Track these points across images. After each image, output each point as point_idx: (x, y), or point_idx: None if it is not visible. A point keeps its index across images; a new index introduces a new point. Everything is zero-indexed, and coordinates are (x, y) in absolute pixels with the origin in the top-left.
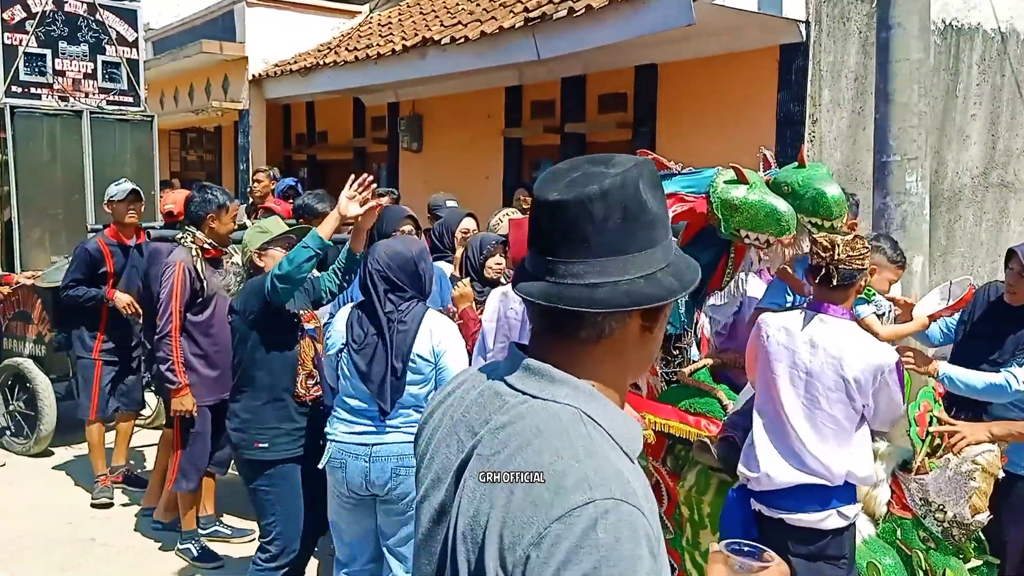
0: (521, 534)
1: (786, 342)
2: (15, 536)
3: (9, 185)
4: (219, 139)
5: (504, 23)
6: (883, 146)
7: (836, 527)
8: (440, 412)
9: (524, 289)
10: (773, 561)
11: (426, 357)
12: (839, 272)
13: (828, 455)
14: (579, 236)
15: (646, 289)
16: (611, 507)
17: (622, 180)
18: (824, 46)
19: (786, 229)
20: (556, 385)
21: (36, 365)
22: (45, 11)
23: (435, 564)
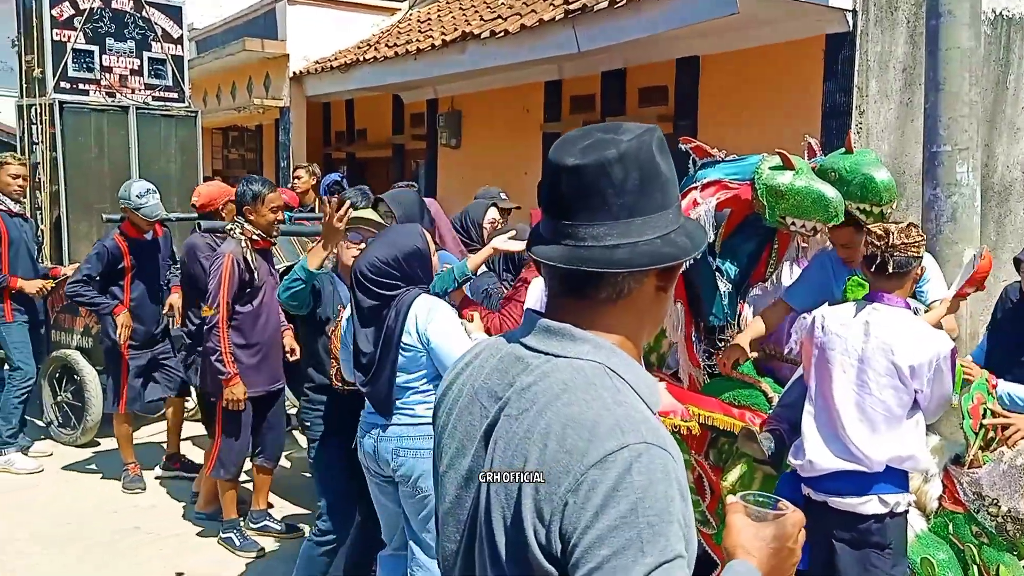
0: (557, 482)
1: (840, 331)
2: (62, 523)
3: (58, 180)
4: (260, 137)
5: (544, 16)
6: (933, 136)
7: (877, 512)
8: (459, 383)
9: (543, 253)
10: (788, 510)
11: (411, 344)
12: (894, 260)
13: (869, 442)
14: (598, 199)
15: (663, 249)
16: (644, 451)
17: (638, 144)
18: (871, 36)
19: (834, 216)
20: (577, 343)
21: (83, 357)
22: (93, 8)
23: (465, 528)
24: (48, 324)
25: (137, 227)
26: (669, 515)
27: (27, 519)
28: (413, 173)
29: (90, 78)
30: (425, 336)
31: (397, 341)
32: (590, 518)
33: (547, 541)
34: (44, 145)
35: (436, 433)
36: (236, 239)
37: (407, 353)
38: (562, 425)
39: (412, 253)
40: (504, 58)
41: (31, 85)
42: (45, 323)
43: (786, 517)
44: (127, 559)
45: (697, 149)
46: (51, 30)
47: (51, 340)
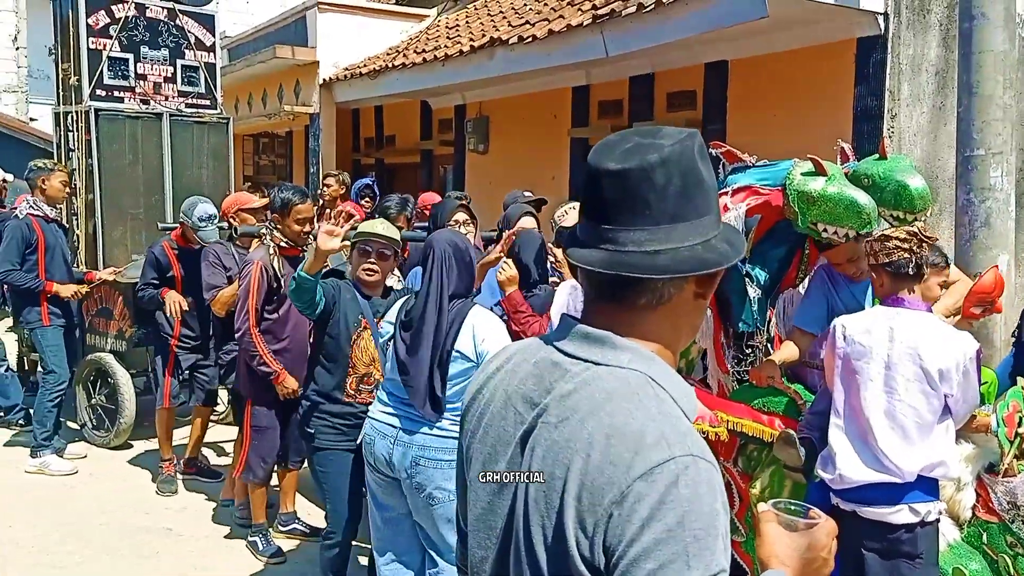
0: (602, 494)
1: (863, 339)
2: (95, 525)
3: (94, 186)
4: (290, 143)
5: (572, 21)
6: (967, 140)
7: (908, 522)
8: (490, 388)
9: (582, 257)
10: (820, 519)
11: (467, 354)
12: (925, 260)
13: (901, 451)
14: (641, 204)
15: (704, 255)
16: (690, 463)
17: (680, 148)
18: (903, 39)
19: (867, 223)
20: (619, 351)
21: (117, 360)
22: (128, 17)
23: (498, 535)
24: (82, 328)
25: (188, 239)
26: (715, 528)
27: (61, 520)
28: (441, 179)
29: (125, 86)
30: (483, 348)
31: (446, 345)
32: (636, 531)
33: (590, 552)
34: (80, 152)
35: (465, 437)
36: (265, 246)
37: (460, 361)
38: (606, 435)
39: (472, 259)
40: (532, 64)
41: (67, 93)
42: (79, 327)
43: (819, 526)
44: (157, 560)
45: (728, 154)
46: (87, 39)
47: (85, 344)
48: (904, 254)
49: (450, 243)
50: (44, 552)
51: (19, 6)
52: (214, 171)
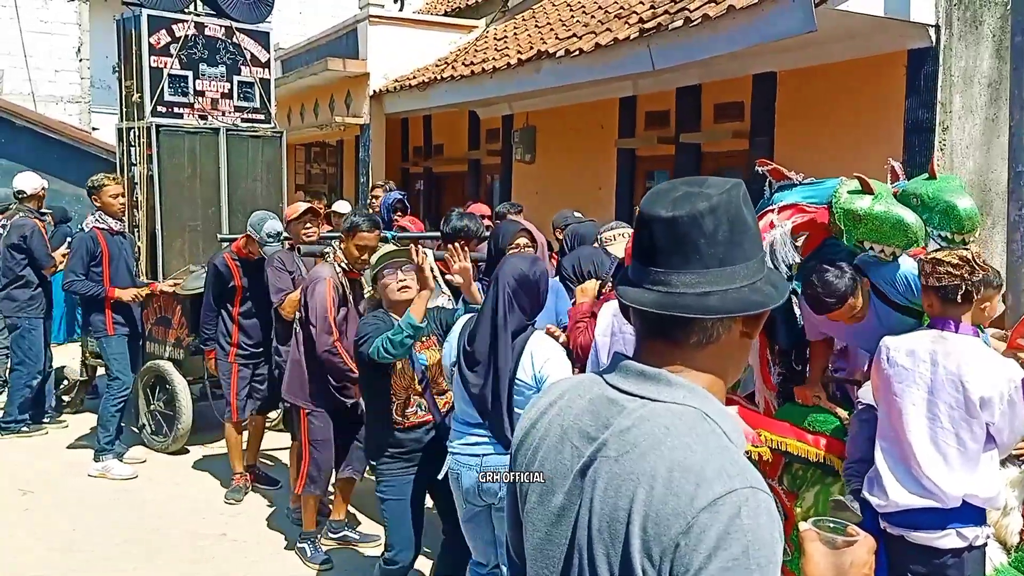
0: (668, 525)
1: (907, 363)
2: (152, 528)
3: (155, 198)
4: (341, 152)
5: (619, 34)
6: (1018, 155)
7: (954, 547)
8: (545, 422)
9: (635, 298)
10: (859, 536)
11: (527, 382)
12: (967, 287)
13: (944, 477)
14: (691, 248)
15: (751, 296)
16: (750, 495)
17: (728, 197)
18: (955, 51)
19: (914, 241)
20: (673, 388)
21: (175, 367)
22: (188, 36)
23: (559, 565)
24: (143, 336)
25: (251, 250)
26: (775, 556)
27: (121, 522)
28: (488, 188)
29: (184, 102)
30: (542, 375)
31: (511, 376)
32: (703, 560)
33: None
34: (141, 166)
35: (519, 470)
36: (330, 264)
37: (520, 390)
38: (668, 468)
39: (545, 286)
40: (578, 76)
41: (130, 109)
42: (141, 335)
43: (860, 543)
44: (211, 564)
45: (774, 172)
46: (149, 57)
47: (145, 351)
48: (955, 280)
49: (517, 276)
50: (103, 556)
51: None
52: (268, 183)
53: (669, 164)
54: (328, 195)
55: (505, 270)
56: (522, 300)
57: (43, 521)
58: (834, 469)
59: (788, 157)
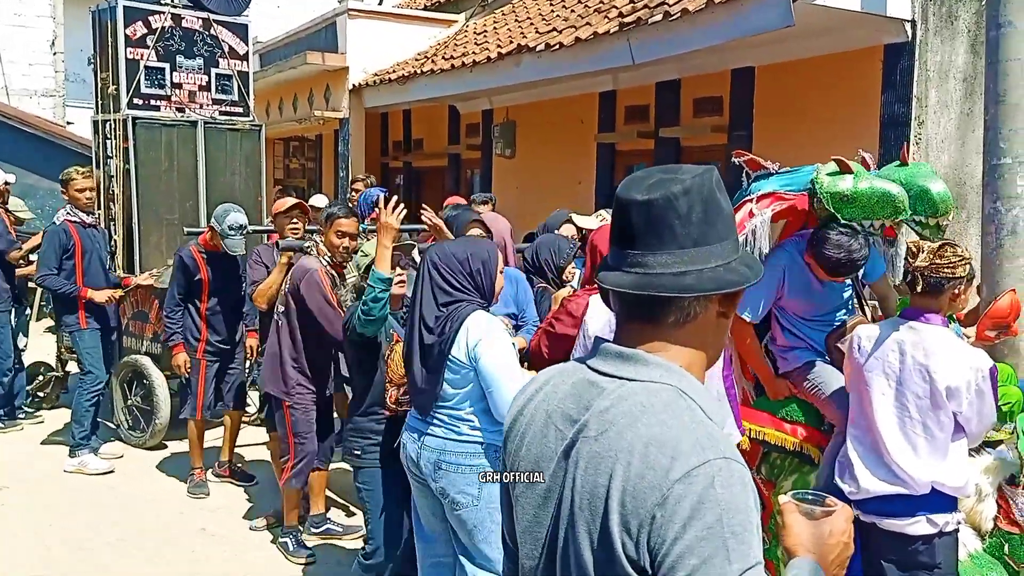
0: (644, 498)
1: (876, 352)
2: (131, 524)
3: (131, 192)
4: (320, 146)
5: (599, 28)
6: (994, 148)
7: (925, 533)
8: (530, 409)
9: (615, 281)
10: (836, 506)
11: (460, 360)
12: (923, 279)
13: (913, 465)
14: (666, 230)
15: (726, 276)
16: (724, 465)
17: (700, 180)
18: (931, 46)
19: (902, 210)
20: (650, 368)
21: (152, 362)
22: (164, 27)
23: (544, 543)
24: (119, 331)
25: (216, 244)
26: (750, 524)
27: (98, 518)
28: (468, 182)
29: (161, 94)
30: (475, 354)
31: (444, 351)
32: (678, 530)
33: (636, 553)
34: (118, 159)
35: (508, 457)
36: (315, 258)
37: (454, 368)
38: (644, 444)
39: (481, 267)
40: (558, 70)
41: (106, 102)
42: (116, 329)
43: (837, 513)
44: (191, 559)
45: (750, 162)
46: (125, 49)
47: (122, 346)
48: (907, 266)
49: (440, 255)
50: (81, 550)
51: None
52: (246, 177)
53: (648, 158)
54: (307, 189)
55: (431, 250)
56: (448, 281)
57: (18, 517)
58: (811, 458)
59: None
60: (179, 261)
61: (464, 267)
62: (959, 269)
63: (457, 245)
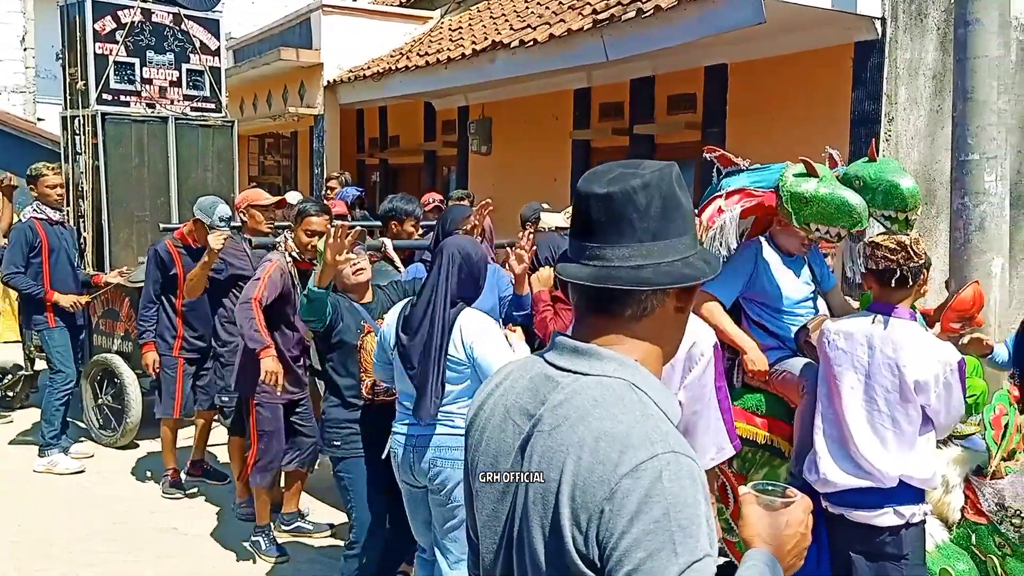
0: (593, 492)
1: (845, 346)
2: (103, 523)
3: (101, 188)
4: (295, 143)
5: (573, 25)
6: (961, 145)
7: (892, 524)
8: (491, 404)
9: (572, 272)
10: (796, 497)
11: (458, 358)
12: (911, 271)
13: (881, 459)
14: (625, 223)
15: (683, 270)
16: (672, 459)
17: (660, 175)
18: (901, 43)
19: (858, 222)
20: (604, 362)
21: (123, 361)
22: (134, 22)
23: (501, 537)
24: (89, 329)
25: (195, 239)
26: (698, 517)
27: (69, 518)
28: (444, 179)
29: (131, 90)
30: (471, 350)
31: (441, 353)
32: (626, 524)
33: (585, 546)
34: (87, 155)
35: (469, 452)
36: (280, 252)
37: (453, 366)
38: (595, 438)
39: (485, 270)
40: (533, 67)
41: (74, 97)
42: (86, 328)
43: (795, 504)
44: (164, 559)
45: (721, 158)
46: (94, 43)
47: (93, 344)
48: (891, 264)
49: (462, 250)
50: (52, 550)
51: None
52: (219, 174)
53: (623, 155)
54: (282, 187)
55: (450, 243)
56: (463, 276)
57: None
58: (781, 451)
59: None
60: (154, 255)
61: (476, 268)
62: (920, 260)
63: (470, 242)
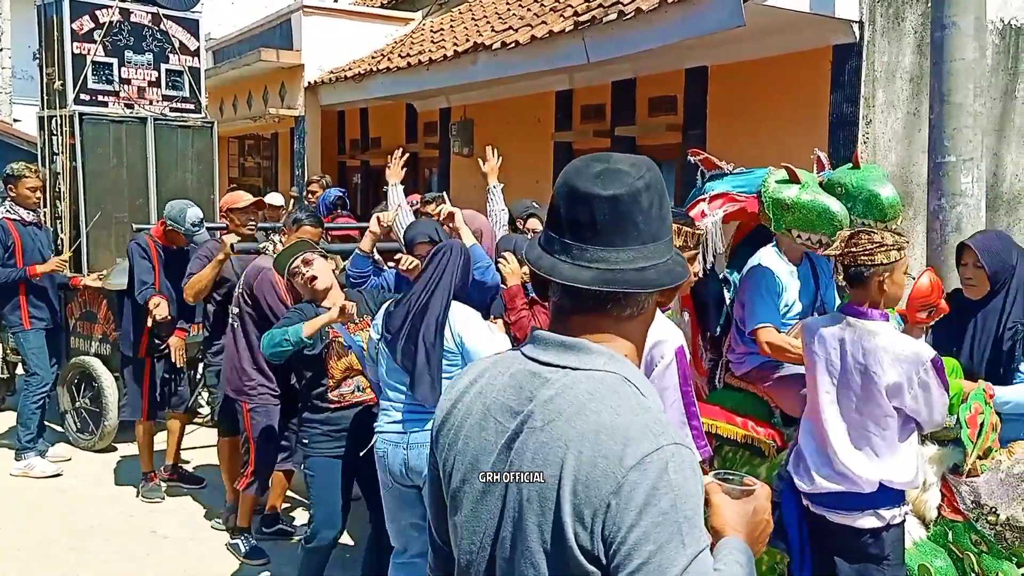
0: (598, 486)
1: (819, 350)
2: (79, 526)
3: (78, 189)
4: (276, 145)
5: (554, 27)
6: (938, 147)
7: (873, 527)
8: (466, 401)
9: (570, 275)
10: (755, 485)
11: (449, 347)
12: (846, 269)
13: (859, 465)
14: (631, 225)
15: (676, 268)
16: (675, 451)
17: (655, 175)
18: (878, 46)
19: (840, 229)
20: (594, 356)
21: (101, 363)
22: (112, 22)
23: (488, 540)
24: (67, 331)
25: (171, 240)
26: (700, 508)
27: (45, 522)
28: (427, 181)
29: (109, 90)
30: (460, 339)
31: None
32: (635, 517)
33: (589, 543)
34: (64, 156)
35: (441, 451)
36: (269, 256)
37: (445, 354)
38: (595, 432)
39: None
40: (514, 69)
41: (52, 97)
42: (63, 329)
43: (758, 493)
44: (143, 562)
45: (705, 161)
46: (71, 43)
47: (70, 347)
48: (846, 260)
49: (463, 252)
50: (30, 555)
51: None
52: (199, 175)
53: None
54: (263, 188)
55: (458, 244)
56: (464, 272)
57: None
58: (761, 451)
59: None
60: (135, 248)
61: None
62: (878, 255)
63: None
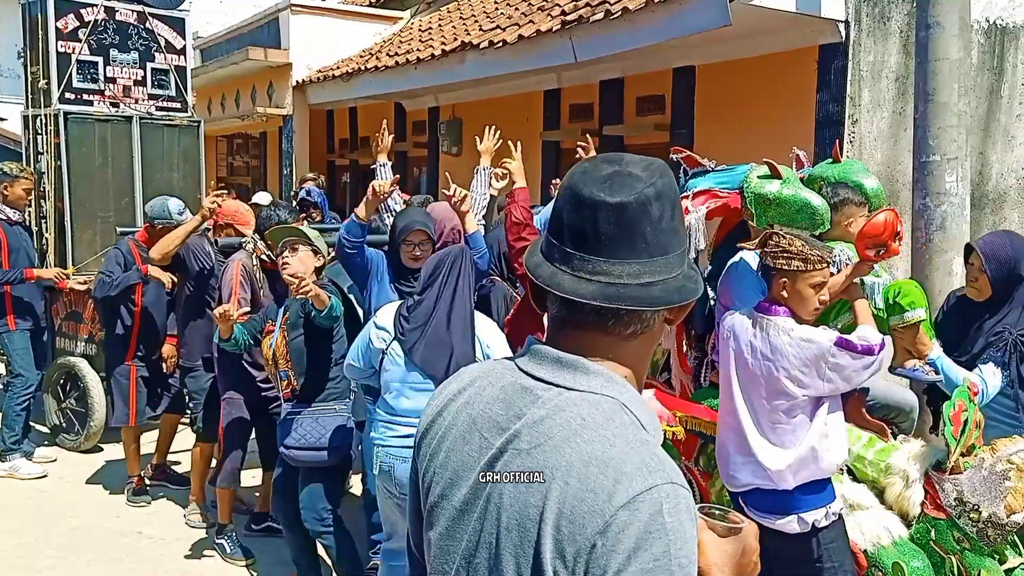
0: (583, 523)
1: (732, 344)
2: (67, 528)
3: (64, 189)
4: (264, 144)
5: (541, 26)
6: (923, 146)
7: (799, 532)
8: (452, 410)
9: (569, 288)
10: (741, 523)
11: (477, 357)
12: (761, 262)
13: (771, 456)
14: (638, 237)
15: (686, 283)
16: (671, 491)
17: (667, 182)
18: (864, 46)
19: (820, 223)
20: (591, 376)
21: (87, 364)
22: (97, 20)
23: (460, 559)
24: (52, 331)
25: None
26: (694, 553)
27: (33, 523)
28: (416, 180)
29: (94, 89)
30: (488, 349)
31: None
32: (622, 561)
33: None
34: (49, 155)
35: (422, 460)
36: (247, 252)
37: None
38: (584, 462)
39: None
40: (502, 68)
41: (36, 96)
42: (48, 330)
43: (746, 531)
44: (129, 563)
45: (688, 159)
46: (56, 42)
47: (55, 347)
48: (761, 255)
49: (469, 256)
50: (16, 555)
51: None
52: (185, 174)
53: None
54: (251, 187)
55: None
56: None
57: None
58: None
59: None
60: (114, 254)
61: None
62: (779, 260)
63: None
